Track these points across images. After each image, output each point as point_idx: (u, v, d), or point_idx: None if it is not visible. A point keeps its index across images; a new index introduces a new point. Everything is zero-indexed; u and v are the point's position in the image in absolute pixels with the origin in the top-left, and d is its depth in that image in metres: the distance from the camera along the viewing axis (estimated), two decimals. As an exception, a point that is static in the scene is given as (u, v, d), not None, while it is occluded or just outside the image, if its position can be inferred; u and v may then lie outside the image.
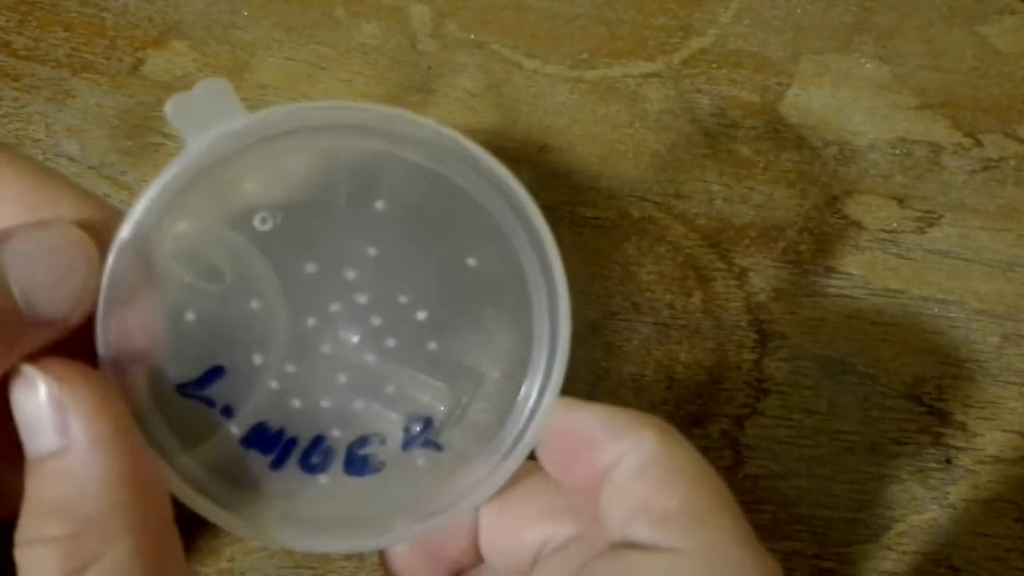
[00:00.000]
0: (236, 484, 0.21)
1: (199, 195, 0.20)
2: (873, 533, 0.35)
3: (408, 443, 0.22)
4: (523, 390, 0.22)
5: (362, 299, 0.21)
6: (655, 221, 0.40)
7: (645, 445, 0.20)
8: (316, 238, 0.21)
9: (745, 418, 0.37)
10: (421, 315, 0.22)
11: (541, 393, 0.22)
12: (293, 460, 0.21)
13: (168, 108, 0.20)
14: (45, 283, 0.19)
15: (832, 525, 0.35)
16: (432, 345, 0.22)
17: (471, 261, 0.22)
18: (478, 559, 0.24)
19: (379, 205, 0.21)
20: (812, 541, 0.35)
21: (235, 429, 0.21)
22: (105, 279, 0.20)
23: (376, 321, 0.22)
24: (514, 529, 0.22)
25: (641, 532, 0.20)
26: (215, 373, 0.21)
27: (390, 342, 0.22)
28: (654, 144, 0.41)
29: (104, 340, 0.20)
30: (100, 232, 0.20)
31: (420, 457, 0.22)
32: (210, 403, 0.21)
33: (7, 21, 0.43)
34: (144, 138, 0.41)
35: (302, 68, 0.43)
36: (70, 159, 0.40)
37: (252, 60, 0.43)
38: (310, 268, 0.21)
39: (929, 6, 0.45)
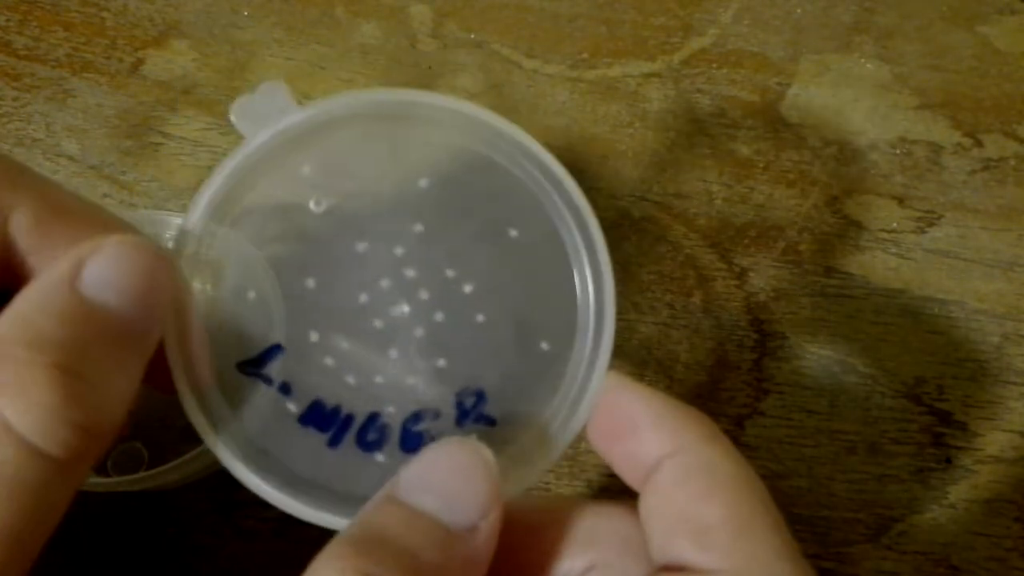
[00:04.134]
0: (297, 464, 0.21)
1: (260, 181, 0.22)
2: (873, 533, 0.35)
3: (462, 417, 0.22)
4: (572, 362, 0.22)
5: (410, 274, 0.22)
6: (655, 221, 0.40)
7: (689, 451, 0.20)
8: (366, 217, 0.22)
9: (745, 418, 0.37)
10: (468, 288, 0.22)
11: (590, 365, 0.22)
12: (350, 437, 0.22)
13: (232, 110, 0.21)
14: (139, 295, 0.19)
15: (832, 525, 0.35)
16: (480, 317, 0.22)
17: (513, 233, 0.22)
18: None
19: (423, 183, 0.22)
20: (812, 541, 0.35)
21: (293, 407, 0.22)
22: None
23: (424, 295, 0.22)
24: (541, 548, 0.22)
25: (683, 546, 0.19)
26: (274, 351, 0.22)
27: (439, 316, 0.22)
28: (654, 144, 0.41)
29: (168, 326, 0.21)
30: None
31: (474, 432, 0.22)
32: (268, 381, 0.22)
33: (7, 21, 0.43)
34: (144, 138, 0.41)
35: (302, 68, 0.43)
36: (70, 159, 0.40)
37: (252, 60, 0.43)
38: (361, 246, 0.22)
39: (929, 6, 0.45)
